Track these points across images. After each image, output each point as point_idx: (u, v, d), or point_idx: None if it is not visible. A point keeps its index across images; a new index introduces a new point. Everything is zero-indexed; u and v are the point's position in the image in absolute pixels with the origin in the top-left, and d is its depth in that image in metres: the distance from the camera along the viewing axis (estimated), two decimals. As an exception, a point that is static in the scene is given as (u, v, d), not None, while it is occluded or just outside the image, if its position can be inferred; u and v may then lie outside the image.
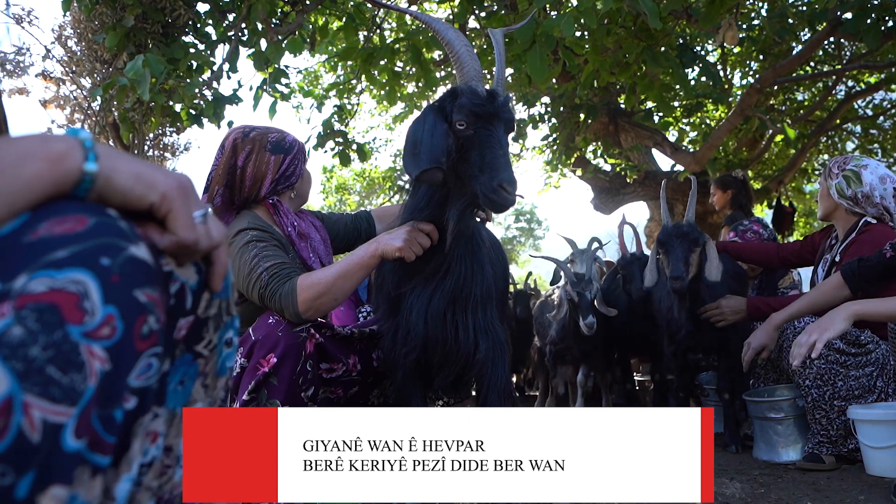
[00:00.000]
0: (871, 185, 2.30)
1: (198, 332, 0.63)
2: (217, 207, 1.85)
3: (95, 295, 0.47)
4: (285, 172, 1.87)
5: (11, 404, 0.43)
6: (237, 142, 1.84)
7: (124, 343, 0.49)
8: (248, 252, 1.69)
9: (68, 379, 0.45)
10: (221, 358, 0.67)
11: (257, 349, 1.61)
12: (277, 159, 1.85)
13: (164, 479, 0.62)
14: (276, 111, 4.30)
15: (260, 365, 1.60)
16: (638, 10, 2.73)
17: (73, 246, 0.48)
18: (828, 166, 2.46)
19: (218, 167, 1.85)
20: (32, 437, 0.44)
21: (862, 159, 2.39)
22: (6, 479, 0.43)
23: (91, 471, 0.48)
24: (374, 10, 4.67)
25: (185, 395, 0.63)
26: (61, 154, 0.53)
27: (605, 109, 6.05)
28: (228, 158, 1.84)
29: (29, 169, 0.51)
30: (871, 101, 6.97)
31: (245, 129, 1.88)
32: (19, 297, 0.45)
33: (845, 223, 2.41)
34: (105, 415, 0.48)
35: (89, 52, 5.38)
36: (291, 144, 1.89)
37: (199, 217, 0.60)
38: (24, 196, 0.51)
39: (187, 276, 0.61)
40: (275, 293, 1.61)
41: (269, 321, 1.63)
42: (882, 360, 2.05)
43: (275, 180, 1.85)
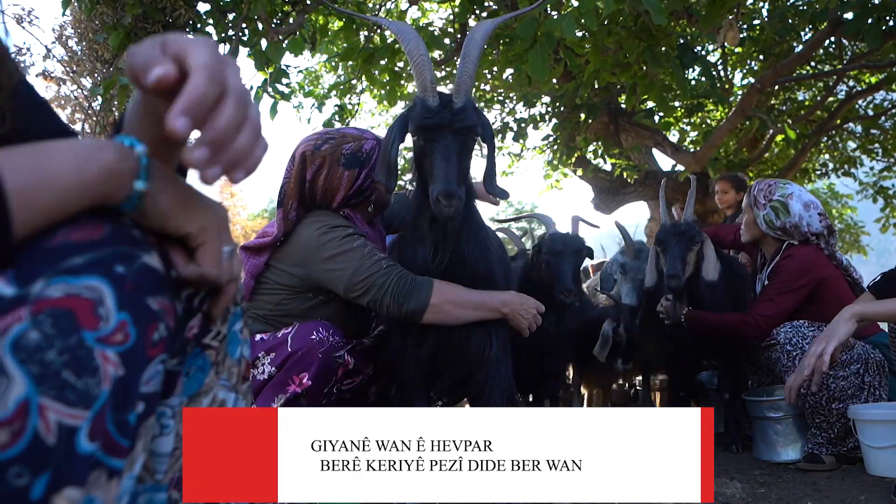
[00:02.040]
0: (798, 216, 2.31)
1: (206, 326, 0.64)
2: (290, 222, 1.74)
3: (110, 302, 0.48)
4: (361, 187, 1.77)
5: (28, 407, 0.44)
6: (306, 155, 1.75)
7: (137, 349, 0.50)
8: (353, 242, 1.64)
9: (83, 383, 0.46)
10: (233, 347, 0.68)
11: (291, 363, 1.59)
12: (351, 175, 1.75)
13: (179, 463, 0.64)
14: (276, 111, 4.31)
15: (291, 381, 1.59)
16: (640, 8, 2.73)
17: (90, 253, 0.49)
18: (752, 194, 2.44)
19: (289, 181, 1.75)
20: (48, 439, 0.45)
21: (786, 186, 2.38)
22: (22, 480, 0.44)
23: (107, 474, 0.49)
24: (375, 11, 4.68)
25: (196, 385, 0.65)
26: (113, 167, 0.53)
27: (606, 109, 6.06)
28: (298, 172, 1.75)
29: (80, 179, 0.51)
30: (872, 100, 6.97)
31: (318, 139, 1.78)
32: (36, 302, 0.46)
33: (770, 247, 2.45)
34: (119, 419, 0.49)
35: (90, 51, 5.38)
36: (369, 153, 1.78)
37: (226, 253, 0.61)
38: (71, 206, 0.51)
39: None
40: (402, 274, 1.58)
41: (312, 337, 1.60)
42: (864, 355, 2.06)
43: (347, 196, 1.76)
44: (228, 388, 0.69)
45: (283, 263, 1.74)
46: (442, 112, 1.41)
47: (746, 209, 2.48)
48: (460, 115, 1.42)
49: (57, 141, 0.53)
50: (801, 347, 2.09)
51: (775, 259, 2.38)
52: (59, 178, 0.50)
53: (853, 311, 1.82)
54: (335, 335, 1.64)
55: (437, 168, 1.39)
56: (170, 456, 0.62)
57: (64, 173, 0.51)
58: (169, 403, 0.62)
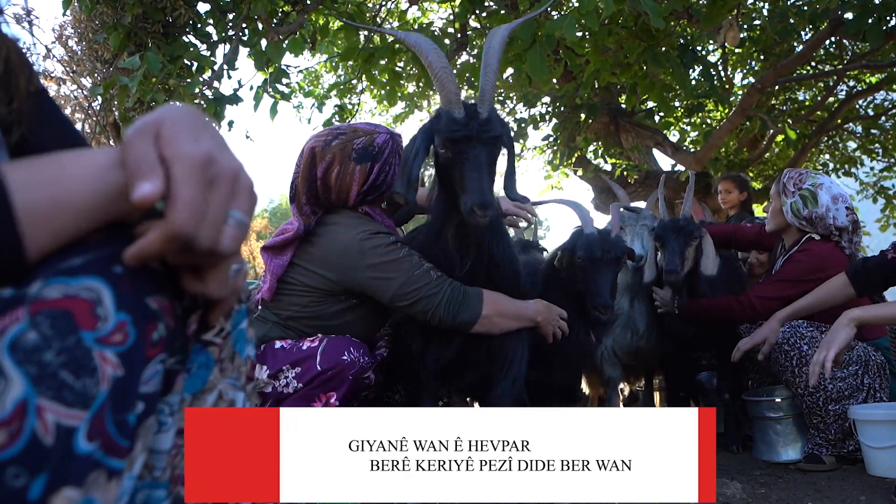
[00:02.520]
0: (826, 207, 2.28)
1: (206, 322, 0.64)
2: (308, 216, 1.71)
3: (109, 302, 0.48)
4: (374, 182, 1.72)
5: (26, 408, 0.44)
6: (315, 150, 1.70)
7: (136, 349, 0.50)
8: (400, 251, 1.63)
9: (81, 383, 0.46)
10: (241, 345, 0.68)
11: (319, 382, 1.58)
12: (364, 169, 1.69)
13: (177, 460, 0.64)
14: (276, 111, 4.31)
15: (318, 398, 1.58)
16: (640, 10, 2.73)
17: (88, 254, 0.49)
18: (781, 181, 2.41)
19: (298, 176, 1.72)
20: (46, 439, 0.45)
21: (817, 177, 2.36)
22: (20, 481, 0.44)
23: (107, 474, 0.48)
24: (375, 11, 4.68)
25: (199, 382, 0.64)
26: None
27: (606, 109, 6.06)
28: (306, 169, 1.70)
29: (96, 197, 0.50)
30: (872, 100, 6.96)
31: (329, 134, 1.73)
32: (34, 303, 0.46)
33: (792, 238, 2.43)
34: (119, 419, 0.49)
35: (90, 51, 5.38)
36: (381, 147, 1.73)
37: (233, 271, 0.60)
38: (87, 225, 0.50)
39: None
40: (457, 289, 1.60)
41: (344, 357, 1.59)
42: (864, 356, 2.06)
43: (361, 192, 1.71)
44: (238, 387, 0.69)
45: (314, 265, 1.68)
46: (470, 124, 1.42)
47: (774, 197, 2.46)
48: (487, 126, 1.43)
49: (73, 153, 0.52)
50: (798, 347, 2.09)
51: (793, 249, 2.36)
52: (75, 196, 0.49)
53: (851, 315, 1.82)
54: (365, 356, 1.63)
55: (469, 179, 1.40)
56: (168, 453, 0.62)
57: (80, 190, 0.49)
58: (168, 401, 0.62)
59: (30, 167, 0.49)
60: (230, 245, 0.53)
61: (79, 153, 0.52)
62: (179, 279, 0.56)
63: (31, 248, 0.47)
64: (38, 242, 0.47)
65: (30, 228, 0.46)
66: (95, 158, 0.51)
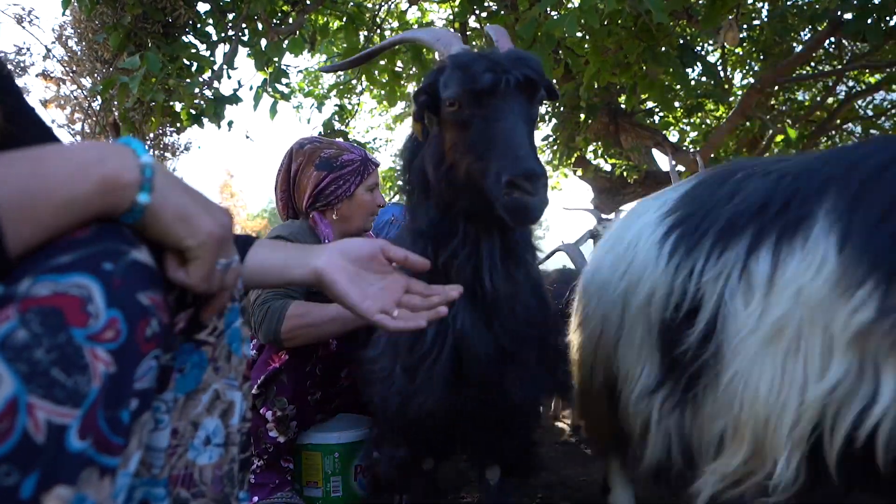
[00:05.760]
0: None
1: (195, 322, 0.64)
2: (282, 212, 1.90)
3: (99, 299, 0.48)
4: (323, 190, 1.79)
5: (16, 405, 0.44)
6: (293, 150, 1.84)
7: (128, 345, 0.50)
8: None
9: (72, 381, 0.46)
10: (237, 344, 0.68)
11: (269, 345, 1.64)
12: (318, 175, 1.78)
13: (174, 459, 0.63)
14: (276, 111, 4.30)
15: (271, 360, 1.64)
16: (641, 8, 2.72)
17: (77, 251, 0.49)
18: None
19: (279, 171, 1.87)
20: (37, 437, 0.44)
21: None
22: (11, 479, 0.43)
23: (100, 472, 0.48)
24: (375, 10, 4.68)
25: (192, 382, 0.64)
26: (116, 180, 0.51)
27: (606, 109, 6.05)
28: (286, 165, 1.85)
29: (77, 192, 0.50)
30: (872, 101, 6.96)
31: (307, 141, 1.86)
32: (23, 301, 0.45)
33: None
34: (112, 416, 0.48)
35: (89, 51, 5.39)
36: (343, 164, 1.80)
37: (221, 265, 0.61)
38: (69, 221, 0.50)
39: None
40: (266, 303, 1.56)
41: None
42: None
43: (312, 195, 1.80)
44: (235, 387, 0.68)
45: None
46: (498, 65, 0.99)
47: None
48: (522, 64, 1.00)
49: (53, 147, 0.51)
50: None
51: None
52: (55, 191, 0.48)
53: None
54: None
55: (503, 141, 0.93)
56: (166, 451, 0.62)
57: (60, 185, 0.49)
58: (163, 398, 0.61)
59: (7, 160, 0.48)
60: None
61: (59, 147, 0.52)
62: (164, 267, 0.57)
63: (12, 243, 0.47)
64: (18, 237, 0.47)
65: (8, 223, 0.46)
66: (79, 153, 0.51)
